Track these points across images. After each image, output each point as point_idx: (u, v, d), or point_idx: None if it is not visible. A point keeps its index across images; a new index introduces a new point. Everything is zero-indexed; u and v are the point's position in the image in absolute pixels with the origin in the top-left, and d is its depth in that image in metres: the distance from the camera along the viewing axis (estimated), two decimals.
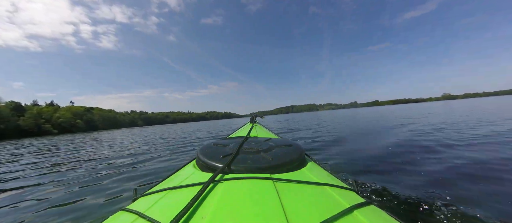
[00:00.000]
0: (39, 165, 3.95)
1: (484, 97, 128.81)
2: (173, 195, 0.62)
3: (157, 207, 0.57)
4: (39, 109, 57.90)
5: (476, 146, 2.86)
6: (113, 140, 9.57)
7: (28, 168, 3.67)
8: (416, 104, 73.55)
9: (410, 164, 2.28)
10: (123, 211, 0.61)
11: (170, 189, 0.66)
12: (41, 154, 5.84)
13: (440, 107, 18.13)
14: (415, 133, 4.33)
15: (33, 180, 2.69)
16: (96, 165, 3.44)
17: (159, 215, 0.51)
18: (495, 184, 1.63)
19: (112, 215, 0.62)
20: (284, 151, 0.91)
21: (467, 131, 4.01)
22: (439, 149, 2.81)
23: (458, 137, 3.50)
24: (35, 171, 3.29)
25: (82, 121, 71.41)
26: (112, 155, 4.64)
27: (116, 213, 0.62)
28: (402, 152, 2.85)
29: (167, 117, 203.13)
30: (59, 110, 65.96)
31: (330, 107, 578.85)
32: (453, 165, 2.14)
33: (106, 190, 1.99)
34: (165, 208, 0.55)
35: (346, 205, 0.54)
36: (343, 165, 2.45)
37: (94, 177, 2.56)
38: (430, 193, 1.54)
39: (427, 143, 3.26)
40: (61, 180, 2.53)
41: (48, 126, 55.37)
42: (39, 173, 3.14)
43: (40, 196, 1.95)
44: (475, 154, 2.47)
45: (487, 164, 2.08)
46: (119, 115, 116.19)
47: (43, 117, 56.40)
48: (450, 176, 1.86)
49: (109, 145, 7.30)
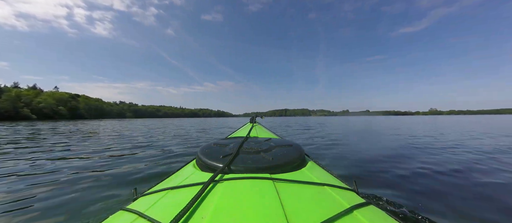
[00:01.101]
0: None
1: (468, 115, 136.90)
2: (173, 195, 0.62)
3: (157, 207, 0.57)
4: (18, 92, 54.80)
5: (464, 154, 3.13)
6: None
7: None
8: (405, 116, 79.15)
9: (410, 165, 2.39)
10: (123, 211, 0.60)
11: (170, 189, 0.66)
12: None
13: (429, 120, 19.91)
14: (412, 141, 4.64)
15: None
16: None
17: (159, 215, 0.51)
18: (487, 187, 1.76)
19: (112, 215, 0.61)
20: (284, 151, 0.91)
21: (456, 143, 4.26)
22: (431, 155, 3.05)
23: (446, 145, 3.87)
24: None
25: (65, 108, 68.39)
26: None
27: (116, 213, 0.61)
28: (400, 155, 2.99)
29: (158, 110, 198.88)
30: (41, 95, 62.83)
31: (323, 114, 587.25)
32: (449, 168, 2.29)
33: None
34: (165, 208, 0.55)
35: (346, 205, 0.54)
36: (343, 165, 2.48)
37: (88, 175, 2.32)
38: (430, 193, 1.59)
39: (422, 149, 3.52)
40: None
41: (27, 110, 52.48)
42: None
43: (28, 195, 1.74)
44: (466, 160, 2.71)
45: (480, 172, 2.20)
46: (106, 105, 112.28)
47: (22, 101, 53.47)
48: (449, 179, 1.95)
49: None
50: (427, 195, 1.59)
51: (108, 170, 2.41)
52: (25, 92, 57.88)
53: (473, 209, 1.38)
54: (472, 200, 1.52)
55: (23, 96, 54.95)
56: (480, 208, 1.40)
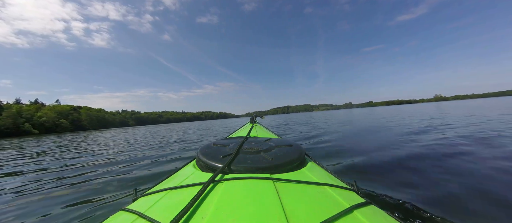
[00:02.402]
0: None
1: (474, 99, 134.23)
2: (173, 195, 0.62)
3: (157, 207, 0.57)
4: (18, 108, 55.18)
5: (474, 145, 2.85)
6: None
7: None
8: (409, 105, 78.91)
9: (410, 164, 2.30)
10: (123, 211, 0.60)
11: (170, 189, 0.66)
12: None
13: (433, 108, 19.27)
14: (415, 133, 4.35)
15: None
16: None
17: (159, 215, 0.51)
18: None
19: (112, 215, 0.61)
20: (284, 151, 0.91)
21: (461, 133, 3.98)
22: (437, 149, 2.82)
23: (453, 137, 3.49)
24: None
25: (67, 120, 68.78)
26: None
27: (116, 213, 0.62)
28: (401, 153, 2.80)
29: (160, 116, 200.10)
30: (42, 109, 63.25)
31: (326, 108, 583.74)
32: (451, 165, 2.13)
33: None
34: (165, 208, 0.55)
35: (346, 205, 0.54)
36: (343, 165, 2.45)
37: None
38: (430, 193, 1.55)
39: (426, 142, 3.27)
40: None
41: (28, 125, 52.80)
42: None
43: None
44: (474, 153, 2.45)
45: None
46: (108, 115, 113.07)
47: (23, 116, 53.81)
48: (451, 177, 1.83)
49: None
50: (428, 195, 1.53)
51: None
52: (26, 108, 58.32)
53: (472, 205, 1.33)
54: (471, 197, 1.44)
55: (24, 112, 55.33)
56: (480, 204, 1.34)
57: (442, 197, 1.46)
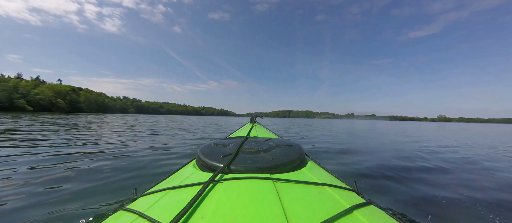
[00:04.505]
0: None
1: (478, 123, 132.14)
2: (173, 195, 0.62)
3: (157, 207, 0.57)
4: (16, 83, 54.67)
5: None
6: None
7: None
8: (411, 122, 78.53)
9: (410, 168, 2.40)
10: (123, 211, 0.60)
11: (170, 189, 0.66)
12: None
13: (438, 127, 19.16)
14: (414, 145, 4.49)
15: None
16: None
17: (159, 215, 0.51)
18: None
19: (112, 214, 0.61)
20: (284, 151, 0.91)
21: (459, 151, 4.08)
22: (434, 159, 2.93)
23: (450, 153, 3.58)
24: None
25: (65, 101, 68.29)
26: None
27: (116, 213, 0.61)
28: (402, 158, 2.88)
29: (161, 107, 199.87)
30: (40, 86, 62.75)
31: (327, 116, 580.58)
32: (450, 172, 2.26)
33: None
34: (165, 208, 0.55)
35: (346, 205, 0.54)
36: (344, 165, 2.47)
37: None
38: (430, 193, 1.60)
39: (424, 154, 3.38)
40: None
41: (22, 101, 52.17)
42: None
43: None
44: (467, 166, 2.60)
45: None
46: (109, 100, 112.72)
47: (19, 92, 53.26)
48: (450, 181, 1.93)
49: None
50: (428, 194, 1.58)
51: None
52: (24, 84, 57.80)
53: (471, 211, 1.36)
54: (469, 203, 1.48)
55: (21, 87, 54.79)
56: (479, 211, 1.37)
57: (442, 197, 1.50)
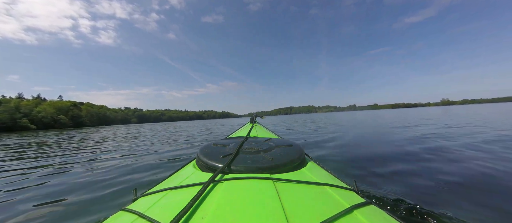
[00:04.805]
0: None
1: (482, 104, 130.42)
2: (173, 195, 0.62)
3: (157, 207, 0.57)
4: (17, 103, 55.12)
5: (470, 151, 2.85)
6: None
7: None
8: (416, 108, 77.74)
9: (411, 165, 2.31)
10: (123, 211, 0.60)
11: (170, 189, 0.66)
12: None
13: (436, 112, 18.76)
14: (416, 137, 4.27)
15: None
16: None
17: (159, 215, 0.51)
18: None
19: (112, 215, 0.61)
20: (284, 151, 0.91)
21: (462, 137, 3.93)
22: (437, 152, 2.85)
23: (453, 141, 3.50)
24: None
25: (67, 116, 68.69)
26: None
27: (116, 213, 0.61)
28: (402, 154, 2.84)
29: (162, 114, 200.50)
30: (41, 104, 63.20)
31: (329, 110, 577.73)
32: (452, 168, 2.16)
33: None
34: (165, 208, 0.55)
35: (346, 205, 0.54)
36: (344, 165, 2.43)
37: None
38: (430, 193, 1.57)
39: (427, 145, 3.27)
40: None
41: (25, 120, 52.59)
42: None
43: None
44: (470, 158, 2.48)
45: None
46: (110, 111, 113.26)
47: (21, 111, 53.68)
48: (451, 179, 1.87)
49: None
50: (428, 195, 1.57)
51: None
52: (25, 103, 58.25)
53: (475, 208, 1.34)
54: (472, 199, 1.45)
55: (22, 106, 55.22)
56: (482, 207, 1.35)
57: (442, 198, 1.48)
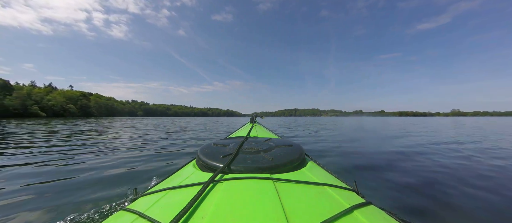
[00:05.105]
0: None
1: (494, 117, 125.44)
2: (173, 195, 0.62)
3: (157, 207, 0.57)
4: (29, 90, 56.90)
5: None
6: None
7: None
8: (424, 117, 75.65)
9: (410, 167, 2.33)
10: (123, 211, 0.60)
11: (170, 189, 0.66)
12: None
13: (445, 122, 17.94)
14: (417, 142, 4.30)
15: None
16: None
17: (159, 215, 0.51)
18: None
19: (112, 214, 0.61)
20: (284, 151, 0.91)
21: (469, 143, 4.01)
22: (438, 156, 2.87)
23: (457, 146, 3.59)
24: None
25: (76, 106, 70.49)
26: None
27: (116, 213, 0.61)
28: (403, 156, 2.84)
29: (168, 109, 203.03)
30: (52, 93, 65.05)
31: (334, 114, 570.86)
32: (452, 170, 2.17)
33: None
34: (165, 208, 0.55)
35: (346, 205, 0.54)
36: (344, 165, 2.46)
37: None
38: (430, 193, 1.58)
39: (430, 150, 3.33)
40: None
41: (36, 108, 54.25)
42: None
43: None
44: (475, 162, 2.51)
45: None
46: (117, 104, 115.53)
47: (32, 98, 55.39)
48: (449, 181, 1.88)
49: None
50: (428, 195, 1.57)
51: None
52: (36, 91, 60.08)
53: (473, 211, 1.33)
54: (472, 201, 1.45)
55: (34, 94, 56.98)
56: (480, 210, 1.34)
57: (442, 198, 1.49)
